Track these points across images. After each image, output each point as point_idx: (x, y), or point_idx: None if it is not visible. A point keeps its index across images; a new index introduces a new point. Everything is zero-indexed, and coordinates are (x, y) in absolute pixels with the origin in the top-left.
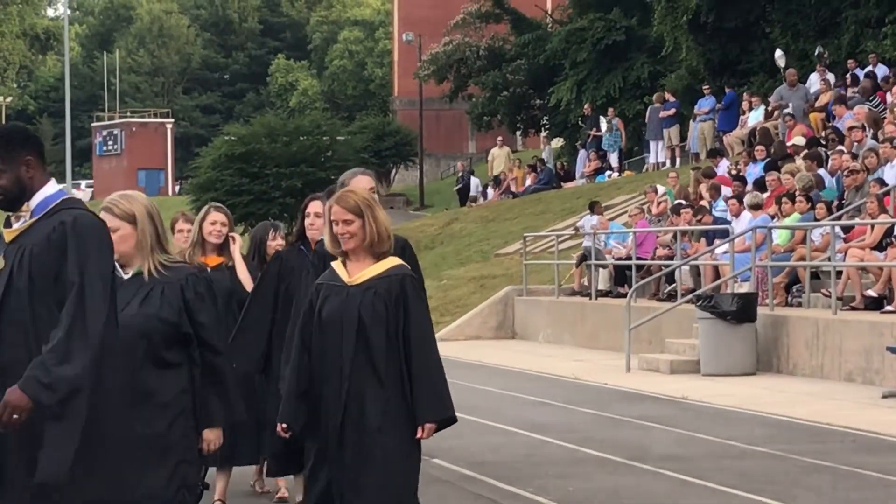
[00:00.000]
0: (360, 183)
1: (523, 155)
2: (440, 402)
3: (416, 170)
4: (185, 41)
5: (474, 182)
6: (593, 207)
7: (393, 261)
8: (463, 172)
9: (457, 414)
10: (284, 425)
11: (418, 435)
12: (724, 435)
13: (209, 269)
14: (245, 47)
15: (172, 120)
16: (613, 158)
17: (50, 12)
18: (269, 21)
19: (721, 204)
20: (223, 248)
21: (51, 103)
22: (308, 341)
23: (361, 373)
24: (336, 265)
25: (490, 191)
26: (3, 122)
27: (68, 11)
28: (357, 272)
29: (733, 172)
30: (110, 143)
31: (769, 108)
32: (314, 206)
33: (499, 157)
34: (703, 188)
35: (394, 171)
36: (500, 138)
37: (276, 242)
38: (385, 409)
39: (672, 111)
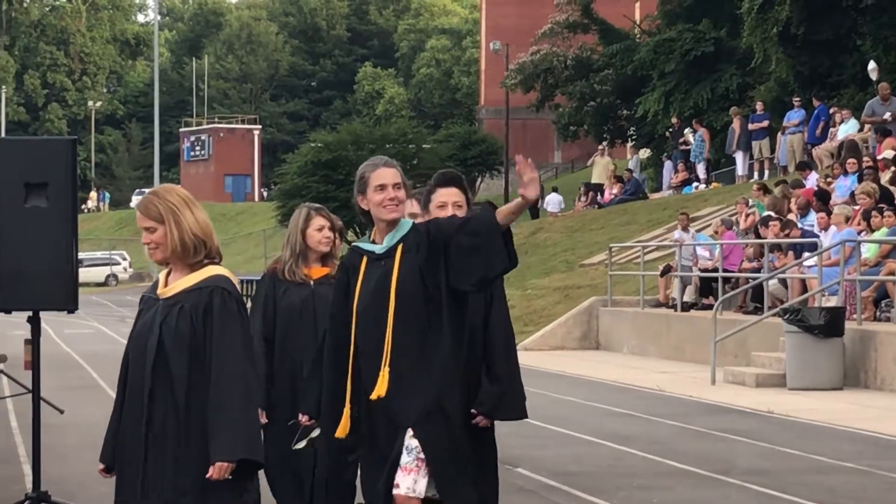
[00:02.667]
0: (383, 177)
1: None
2: (234, 439)
3: (501, 179)
4: (274, 48)
5: (557, 198)
6: (680, 220)
7: (212, 270)
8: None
9: (541, 423)
10: (101, 466)
11: (209, 474)
12: (810, 450)
13: (313, 283)
14: (332, 55)
15: (260, 126)
16: (700, 170)
17: (140, 18)
18: (357, 29)
19: (809, 217)
20: (326, 257)
21: (140, 108)
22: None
23: (161, 406)
24: (162, 274)
25: (611, 191)
26: (93, 126)
27: (158, 17)
28: (172, 283)
29: (822, 185)
30: (198, 148)
31: (862, 122)
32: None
33: (599, 165)
34: (793, 202)
35: (479, 179)
36: (600, 146)
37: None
38: (183, 450)
39: (765, 123)
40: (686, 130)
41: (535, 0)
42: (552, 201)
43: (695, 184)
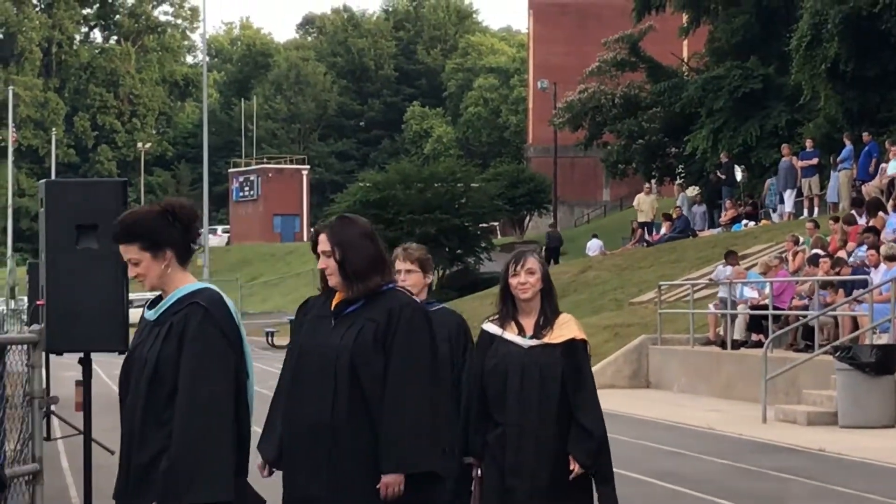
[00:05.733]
0: None
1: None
2: None
3: (549, 217)
4: (322, 88)
5: (597, 244)
6: (728, 257)
7: None
8: (551, 232)
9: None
10: None
11: None
12: (863, 488)
13: None
14: (380, 94)
15: (308, 166)
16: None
17: (189, 59)
18: (405, 68)
19: (859, 250)
20: None
21: (189, 149)
22: None
23: None
24: None
25: (664, 228)
26: (143, 167)
27: (207, 59)
28: None
29: (870, 224)
30: (247, 188)
31: None
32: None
33: (644, 202)
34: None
35: (528, 218)
36: (647, 185)
37: (516, 280)
38: None
39: (814, 160)
40: (736, 167)
41: (583, 38)
42: (592, 246)
43: (744, 221)
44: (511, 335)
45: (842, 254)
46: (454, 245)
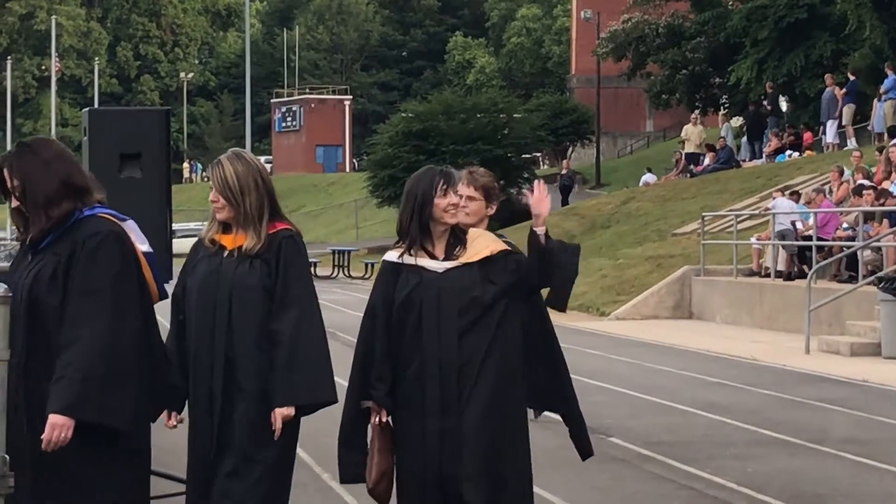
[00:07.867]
0: None
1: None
2: None
3: (592, 148)
4: (364, 18)
5: (651, 178)
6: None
7: None
8: (567, 171)
9: (635, 393)
10: None
11: None
12: None
13: None
14: (423, 24)
15: (350, 97)
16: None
17: None
18: None
19: None
20: None
21: (231, 79)
22: None
23: None
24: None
25: (707, 159)
26: (185, 97)
27: None
28: None
29: None
30: (289, 119)
31: None
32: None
33: (692, 133)
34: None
35: (570, 149)
36: (694, 115)
37: (446, 201)
38: None
39: (844, 90)
40: (781, 97)
41: None
42: (646, 180)
43: (788, 152)
44: (423, 261)
45: (886, 185)
46: (497, 176)
